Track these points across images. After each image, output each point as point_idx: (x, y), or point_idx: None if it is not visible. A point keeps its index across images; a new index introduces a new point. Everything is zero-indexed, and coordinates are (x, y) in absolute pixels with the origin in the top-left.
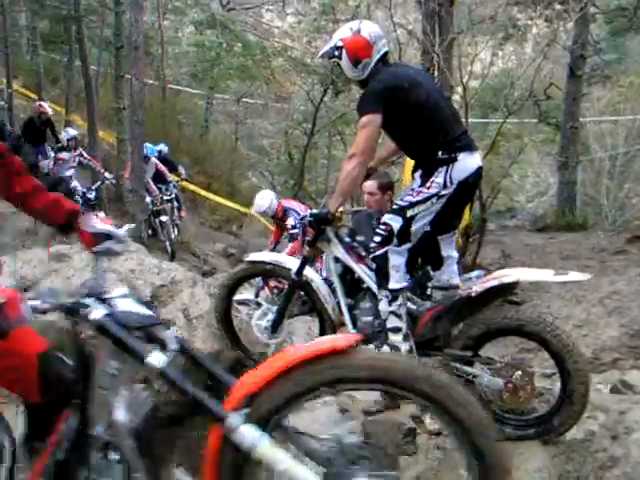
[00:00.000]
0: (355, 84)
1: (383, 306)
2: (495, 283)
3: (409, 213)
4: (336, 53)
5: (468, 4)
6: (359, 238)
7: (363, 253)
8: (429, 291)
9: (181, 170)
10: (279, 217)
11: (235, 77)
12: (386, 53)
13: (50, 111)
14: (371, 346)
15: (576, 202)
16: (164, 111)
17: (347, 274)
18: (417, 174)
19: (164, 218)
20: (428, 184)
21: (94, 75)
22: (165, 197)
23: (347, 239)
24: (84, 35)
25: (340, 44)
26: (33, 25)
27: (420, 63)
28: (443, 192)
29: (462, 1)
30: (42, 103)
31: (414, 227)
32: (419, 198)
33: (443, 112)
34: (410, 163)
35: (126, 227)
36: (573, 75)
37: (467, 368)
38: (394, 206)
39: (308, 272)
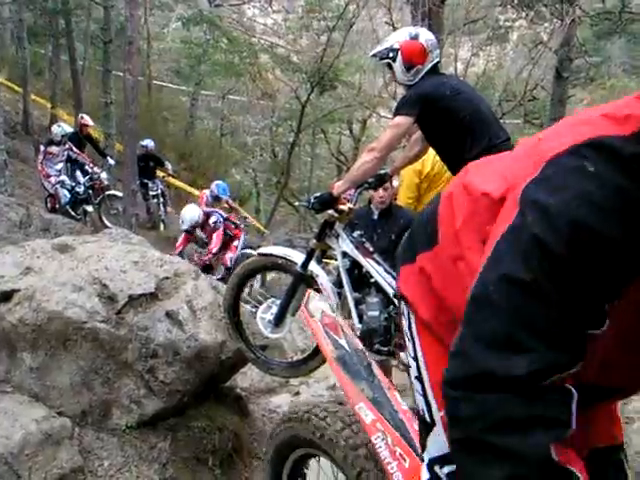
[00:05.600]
0: (403, 87)
1: None
2: None
3: None
4: (391, 55)
5: (452, 5)
6: (356, 233)
7: (371, 248)
8: None
9: (167, 166)
10: (202, 222)
11: (221, 74)
12: (437, 63)
13: (91, 124)
14: None
15: None
16: (150, 107)
17: (354, 269)
18: None
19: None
20: None
21: (80, 69)
22: (152, 193)
23: (355, 234)
24: (72, 29)
25: (396, 46)
26: (19, 18)
27: None
28: None
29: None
30: (84, 115)
31: None
32: None
33: (488, 118)
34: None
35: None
36: (559, 77)
37: None
38: None
39: (313, 267)
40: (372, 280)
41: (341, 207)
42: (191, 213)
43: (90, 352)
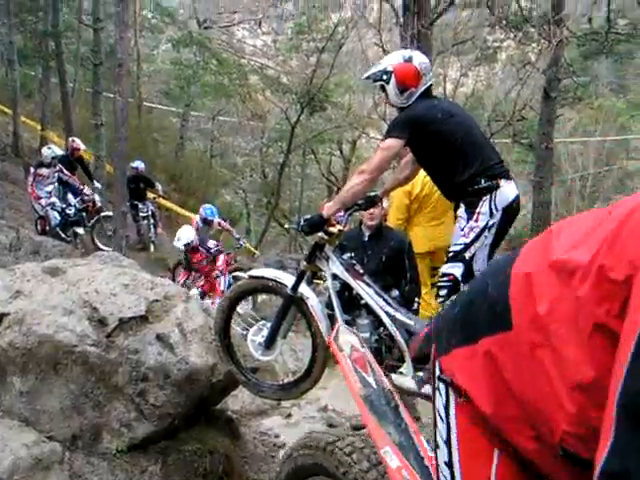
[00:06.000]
0: (396, 109)
1: None
2: None
3: (467, 255)
4: (384, 77)
5: (440, 27)
6: (346, 255)
7: (361, 270)
8: (415, 305)
9: (158, 187)
10: (195, 246)
11: (211, 95)
12: (430, 86)
13: (83, 147)
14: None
15: (550, 222)
16: (140, 128)
17: (344, 291)
18: (460, 211)
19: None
20: (475, 217)
21: (70, 91)
22: (142, 214)
23: (345, 256)
24: (62, 51)
25: (390, 69)
26: (9, 40)
27: None
28: (491, 221)
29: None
30: (75, 139)
31: (477, 266)
32: (472, 236)
33: (480, 141)
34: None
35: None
36: (548, 97)
37: None
38: (449, 254)
39: (304, 289)
40: (362, 302)
41: (331, 229)
42: (187, 233)
43: (80, 376)
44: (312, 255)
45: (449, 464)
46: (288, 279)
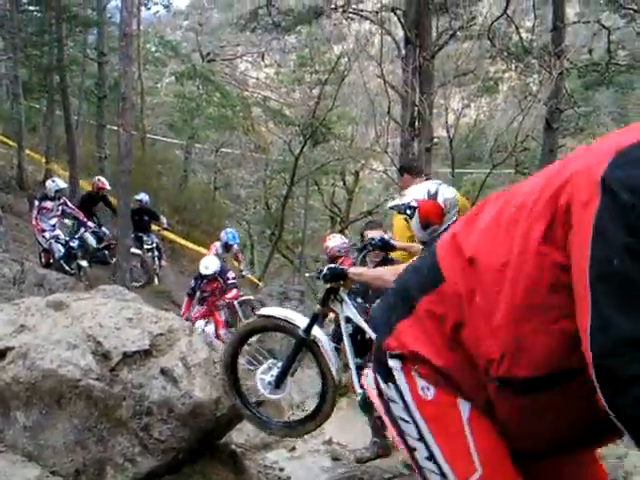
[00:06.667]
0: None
1: None
2: None
3: None
4: (408, 212)
5: (442, 58)
6: (359, 299)
7: None
8: None
9: (162, 220)
10: (217, 275)
11: (214, 127)
12: (455, 221)
13: (108, 186)
14: None
15: None
16: (144, 160)
17: (357, 334)
18: None
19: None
20: None
21: (74, 124)
22: (146, 247)
23: (359, 300)
24: (67, 85)
25: (414, 204)
26: (15, 74)
27: (401, 116)
28: None
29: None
30: (101, 178)
31: None
32: None
33: None
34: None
35: None
36: (549, 127)
37: None
38: None
39: (316, 332)
40: None
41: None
42: (215, 262)
43: (84, 410)
44: (327, 298)
45: (431, 458)
46: (299, 320)
